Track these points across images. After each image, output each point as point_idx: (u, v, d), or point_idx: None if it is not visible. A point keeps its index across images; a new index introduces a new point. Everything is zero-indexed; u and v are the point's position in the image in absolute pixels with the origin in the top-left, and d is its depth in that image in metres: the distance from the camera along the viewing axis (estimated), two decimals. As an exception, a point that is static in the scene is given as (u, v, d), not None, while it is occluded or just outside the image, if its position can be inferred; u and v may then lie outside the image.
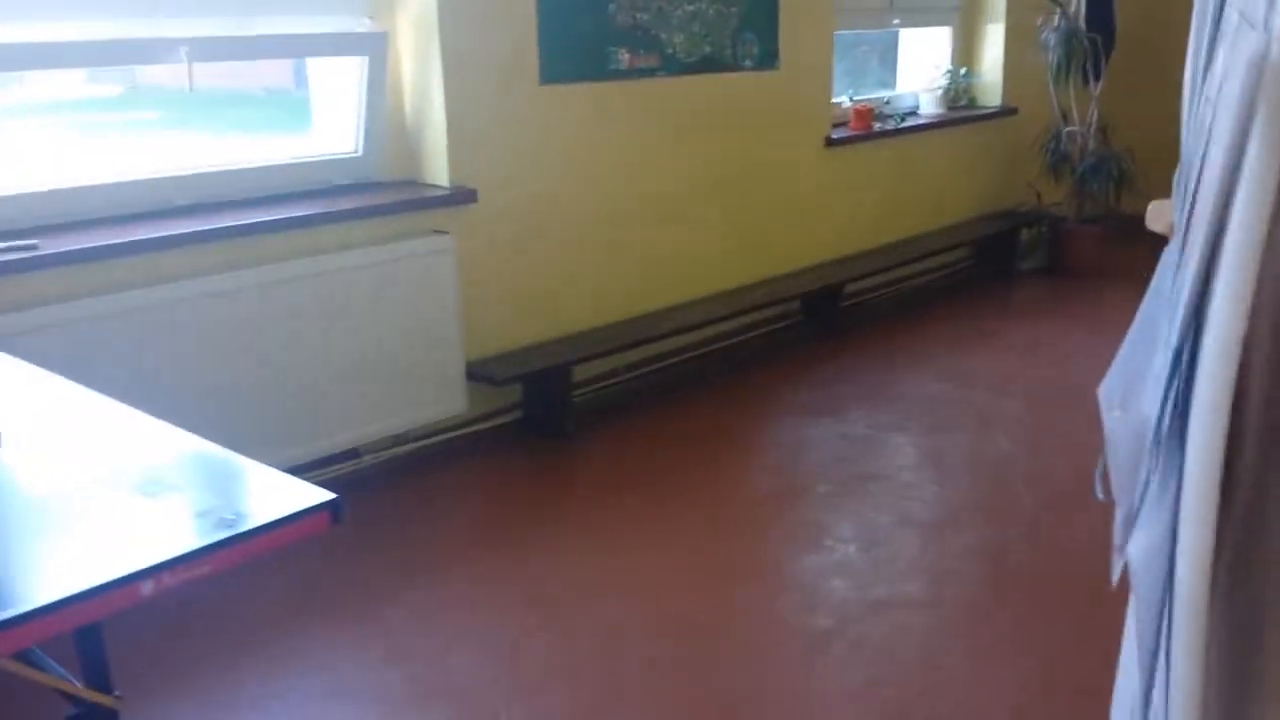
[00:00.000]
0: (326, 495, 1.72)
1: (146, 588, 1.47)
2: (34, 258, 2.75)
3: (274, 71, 4.13)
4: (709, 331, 4.77)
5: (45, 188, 3.15)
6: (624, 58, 4.25)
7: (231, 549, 1.60)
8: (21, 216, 3.05)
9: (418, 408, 3.73)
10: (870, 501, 3.56)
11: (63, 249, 2.87)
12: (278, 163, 3.62)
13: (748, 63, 4.75)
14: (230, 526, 1.61)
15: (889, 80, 6.24)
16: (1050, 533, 3.35)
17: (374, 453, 3.71)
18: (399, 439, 3.77)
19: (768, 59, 4.82)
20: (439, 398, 3.78)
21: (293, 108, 4.03)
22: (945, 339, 5.20)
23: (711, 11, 4.54)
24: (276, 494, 1.76)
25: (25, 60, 3.10)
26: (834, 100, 5.32)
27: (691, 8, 4.45)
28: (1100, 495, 1.52)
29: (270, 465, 1.86)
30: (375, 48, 3.65)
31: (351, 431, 3.56)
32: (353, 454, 3.65)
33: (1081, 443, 4.00)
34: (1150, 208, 1.51)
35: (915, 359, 4.91)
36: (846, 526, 3.39)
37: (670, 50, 4.41)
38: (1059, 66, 5.85)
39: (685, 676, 2.60)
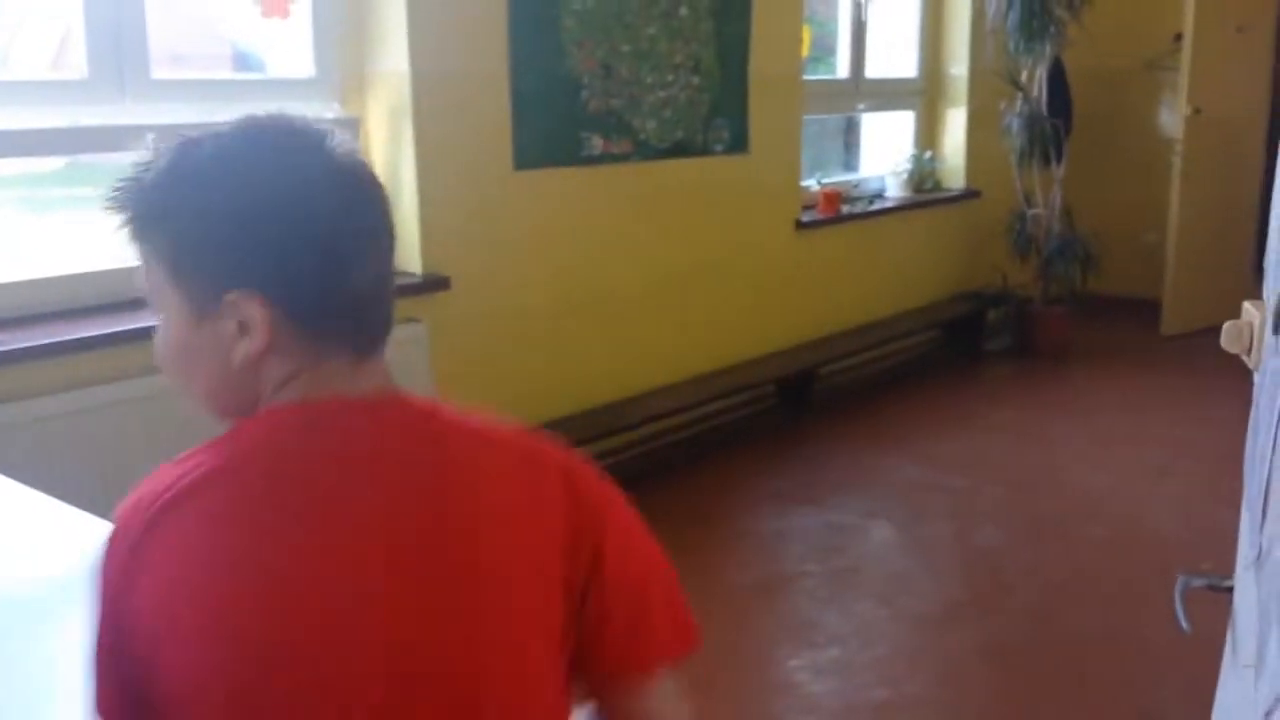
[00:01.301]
0: None
1: None
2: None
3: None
4: (684, 416, 4.68)
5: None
6: (597, 143, 4.20)
7: None
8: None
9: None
10: (860, 594, 3.45)
11: (22, 345, 2.73)
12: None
13: (718, 147, 4.73)
14: None
15: (852, 163, 6.27)
16: (1052, 627, 3.26)
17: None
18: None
19: (738, 143, 4.81)
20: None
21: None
22: (919, 421, 5.14)
23: (683, 97, 4.52)
24: None
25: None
26: (803, 184, 5.32)
27: (664, 94, 4.43)
28: (1185, 626, 1.42)
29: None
30: (347, 133, 3.56)
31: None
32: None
33: (1071, 532, 3.93)
34: (1225, 329, 1.44)
35: (891, 442, 4.84)
36: (838, 621, 3.28)
37: (643, 136, 4.38)
38: (1022, 150, 5.90)
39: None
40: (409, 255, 3.70)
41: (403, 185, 3.67)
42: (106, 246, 3.33)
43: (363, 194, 1.11)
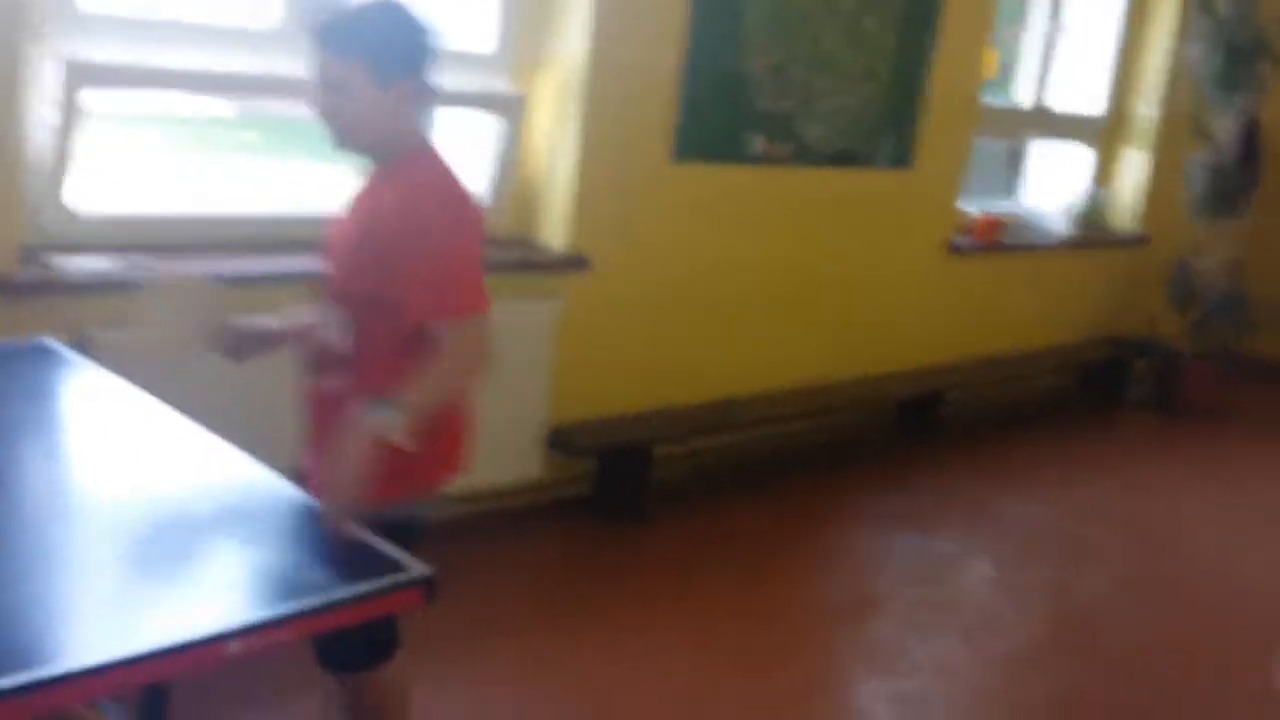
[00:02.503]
0: (422, 570, 1.66)
1: (232, 649, 1.45)
2: (152, 276, 2.77)
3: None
4: (800, 424, 4.70)
5: (161, 211, 3.20)
6: (759, 144, 4.22)
7: (318, 618, 1.56)
8: (141, 235, 3.07)
9: (493, 467, 3.69)
10: (947, 628, 3.44)
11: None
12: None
13: (882, 160, 4.69)
14: (318, 592, 1.56)
15: (1013, 190, 6.11)
16: (1134, 686, 3.20)
17: (446, 508, 3.68)
18: (470, 496, 3.75)
19: (902, 158, 4.76)
20: (516, 460, 3.73)
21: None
22: (1044, 462, 5.05)
23: (854, 106, 4.49)
24: (367, 557, 1.68)
25: (168, 82, 3.17)
26: (962, 207, 5.23)
27: (835, 101, 4.41)
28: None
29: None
30: (513, 109, 3.67)
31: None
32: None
33: (1178, 593, 3.83)
34: None
35: (1010, 479, 4.77)
36: (920, 652, 3.28)
37: (807, 141, 4.38)
38: (1203, 201, 5.68)
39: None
40: (554, 231, 3.80)
41: (560, 163, 3.75)
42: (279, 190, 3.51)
43: None
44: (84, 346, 2.57)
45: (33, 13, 2.73)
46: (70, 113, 2.84)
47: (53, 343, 2.47)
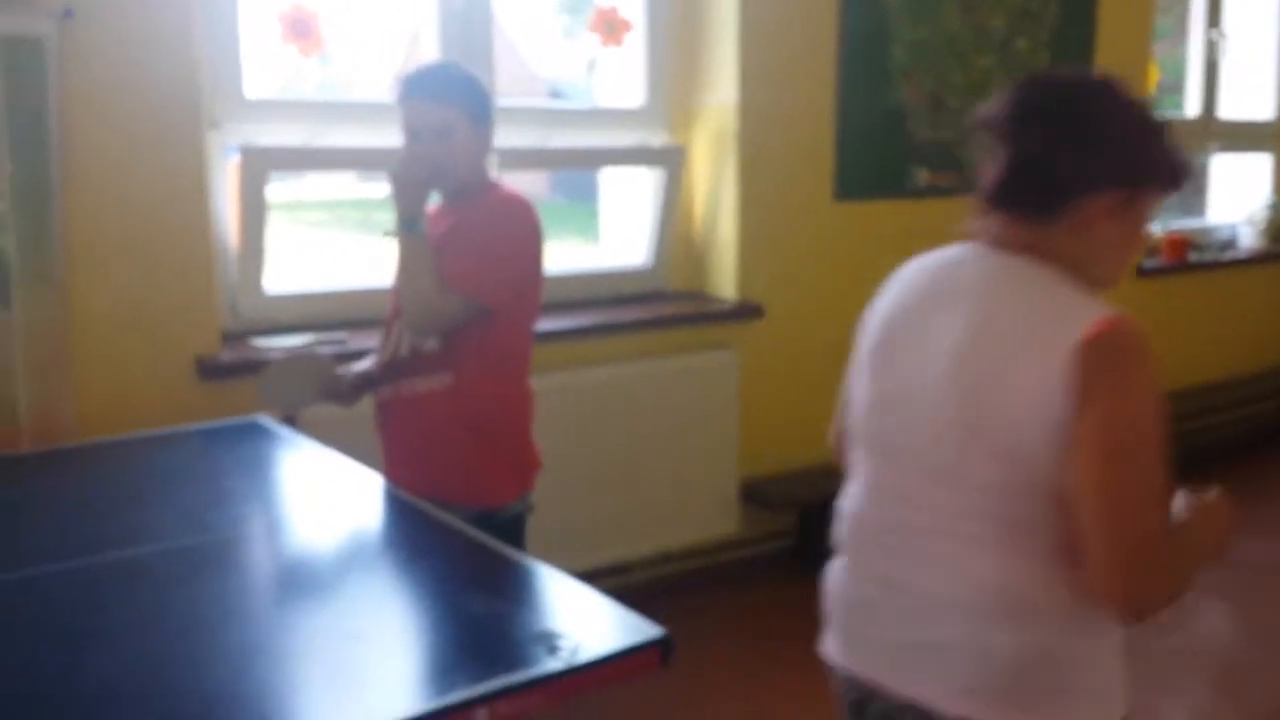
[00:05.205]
0: (656, 631, 1.56)
1: (479, 718, 1.36)
2: (346, 352, 2.77)
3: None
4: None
5: (345, 286, 3.24)
6: (922, 176, 4.07)
7: (564, 681, 1.46)
8: (328, 312, 3.12)
9: (688, 525, 3.58)
10: (1200, 680, 3.10)
11: (366, 345, 2.90)
12: (565, 271, 3.59)
13: (1052, 185, 4.47)
14: (565, 657, 1.46)
15: (1198, 207, 5.78)
16: None
17: (643, 568, 3.56)
18: (667, 556, 3.61)
19: (1073, 181, 4.52)
20: (710, 516, 3.62)
21: (552, 213, 4.05)
22: (1273, 495, 4.61)
23: (1016, 130, 4.30)
24: (602, 621, 1.61)
25: (343, 162, 3.23)
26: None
27: (995, 126, 4.23)
28: None
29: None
30: (673, 161, 3.62)
31: (623, 545, 3.43)
32: (621, 568, 3.50)
33: None
34: None
35: (1244, 514, 4.34)
36: (1174, 710, 2.95)
37: (971, 170, 4.19)
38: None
39: None
40: (723, 281, 3.70)
41: (722, 213, 3.67)
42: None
43: None
44: (294, 421, 2.64)
45: (208, 103, 2.81)
46: (256, 198, 2.90)
47: (265, 419, 2.55)
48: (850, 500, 1.64)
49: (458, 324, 2.16)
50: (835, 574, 1.66)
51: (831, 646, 1.64)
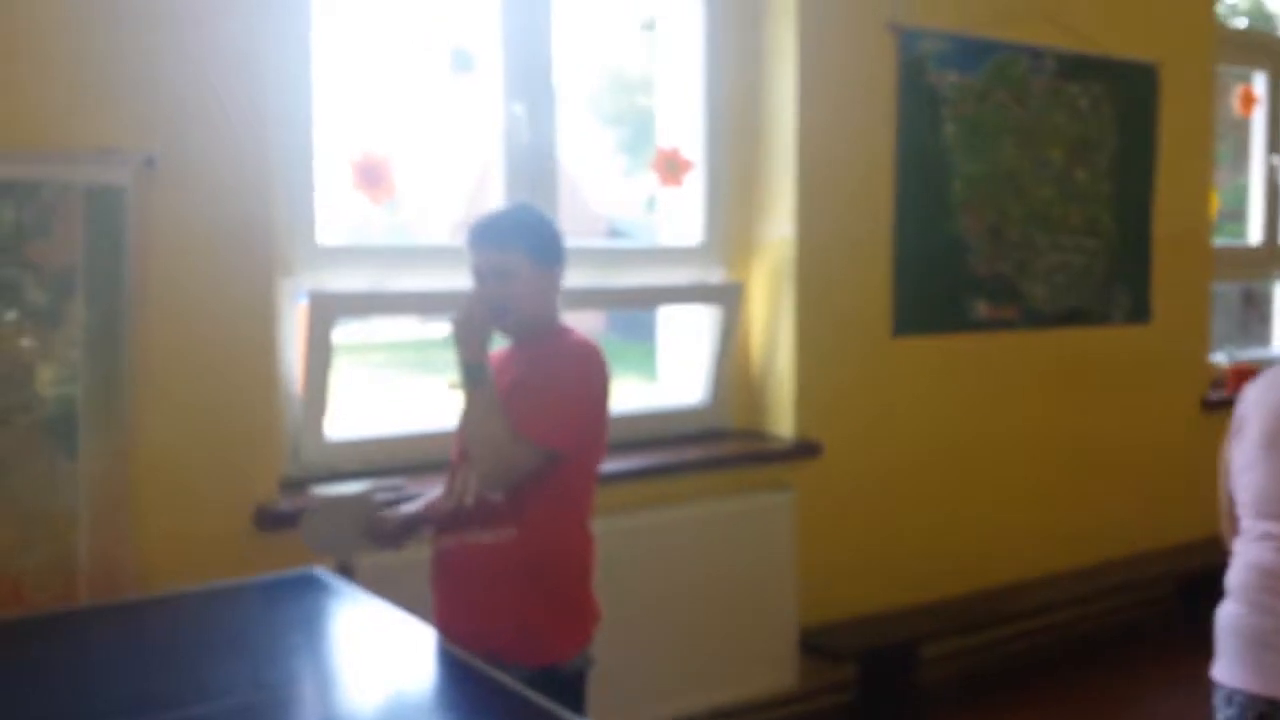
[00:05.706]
0: None
1: None
2: (402, 497, 2.69)
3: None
4: (1067, 612, 4.22)
5: (404, 431, 3.17)
6: (982, 309, 3.98)
7: None
8: (388, 457, 3.05)
9: (745, 679, 3.41)
10: None
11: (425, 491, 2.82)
12: (623, 411, 3.50)
13: (1117, 315, 4.37)
14: None
15: (1262, 336, 5.62)
16: None
17: (699, 727, 3.38)
18: (722, 713, 3.43)
19: (1139, 312, 4.42)
20: (767, 669, 3.45)
21: (608, 351, 3.99)
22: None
23: (1078, 262, 4.22)
24: None
25: (406, 306, 3.21)
26: (1212, 359, 4.81)
27: (1057, 258, 4.16)
28: None
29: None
30: (730, 298, 3.56)
31: (679, 699, 3.27)
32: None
33: None
34: None
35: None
36: None
37: (1032, 302, 4.11)
38: None
39: None
40: (781, 419, 3.60)
41: (779, 349, 3.60)
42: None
43: None
44: (349, 571, 2.59)
45: (282, 250, 2.81)
46: (322, 343, 2.87)
47: (321, 571, 2.49)
48: (1244, 554, 2.34)
49: (529, 473, 2.15)
50: (1229, 611, 2.30)
51: (1228, 672, 2.25)
